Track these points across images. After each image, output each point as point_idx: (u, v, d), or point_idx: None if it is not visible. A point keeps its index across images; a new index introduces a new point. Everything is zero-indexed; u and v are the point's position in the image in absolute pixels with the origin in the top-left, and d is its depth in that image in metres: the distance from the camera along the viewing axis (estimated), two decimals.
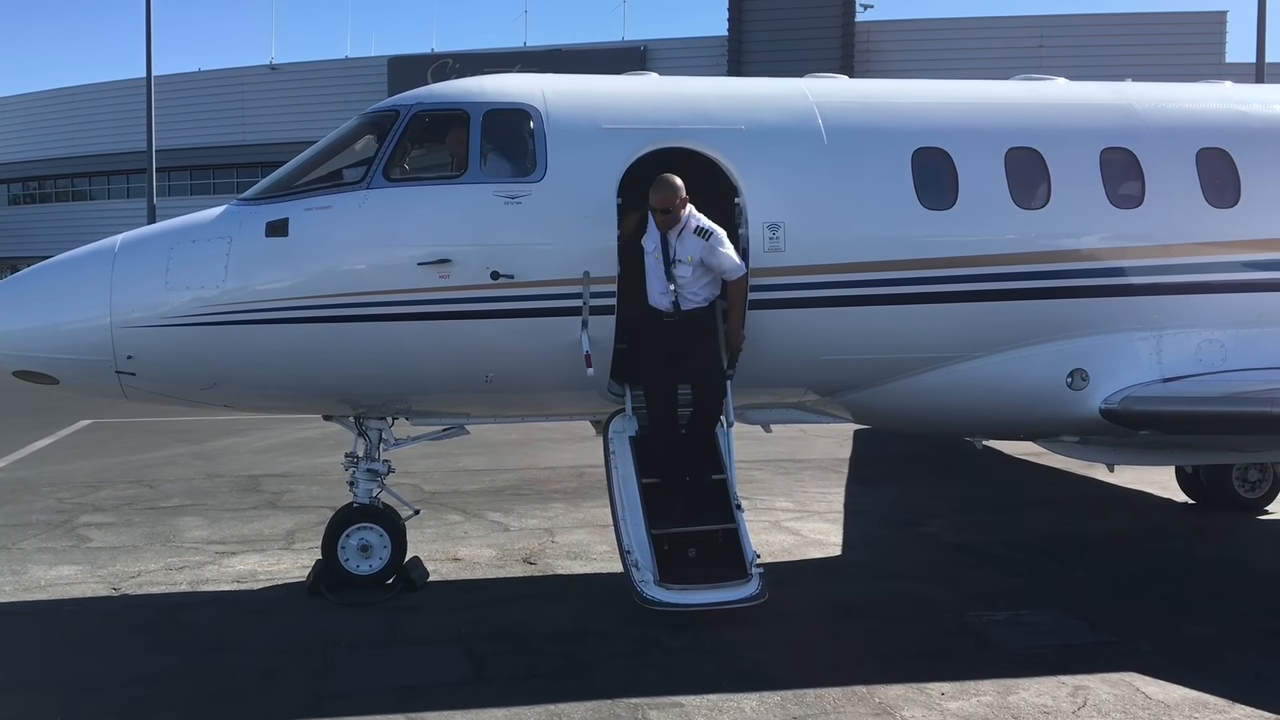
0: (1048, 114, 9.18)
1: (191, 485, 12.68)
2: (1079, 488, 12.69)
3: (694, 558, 7.65)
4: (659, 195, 7.81)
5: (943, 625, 7.53)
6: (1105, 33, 41.51)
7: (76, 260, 8.01)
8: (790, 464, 14.03)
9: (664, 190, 7.82)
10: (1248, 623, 7.62)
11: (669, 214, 7.84)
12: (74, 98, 55.52)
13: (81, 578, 8.77)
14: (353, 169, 8.26)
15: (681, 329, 8.02)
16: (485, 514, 11.13)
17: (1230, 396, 8.56)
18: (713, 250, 7.84)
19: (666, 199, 7.82)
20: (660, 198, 7.82)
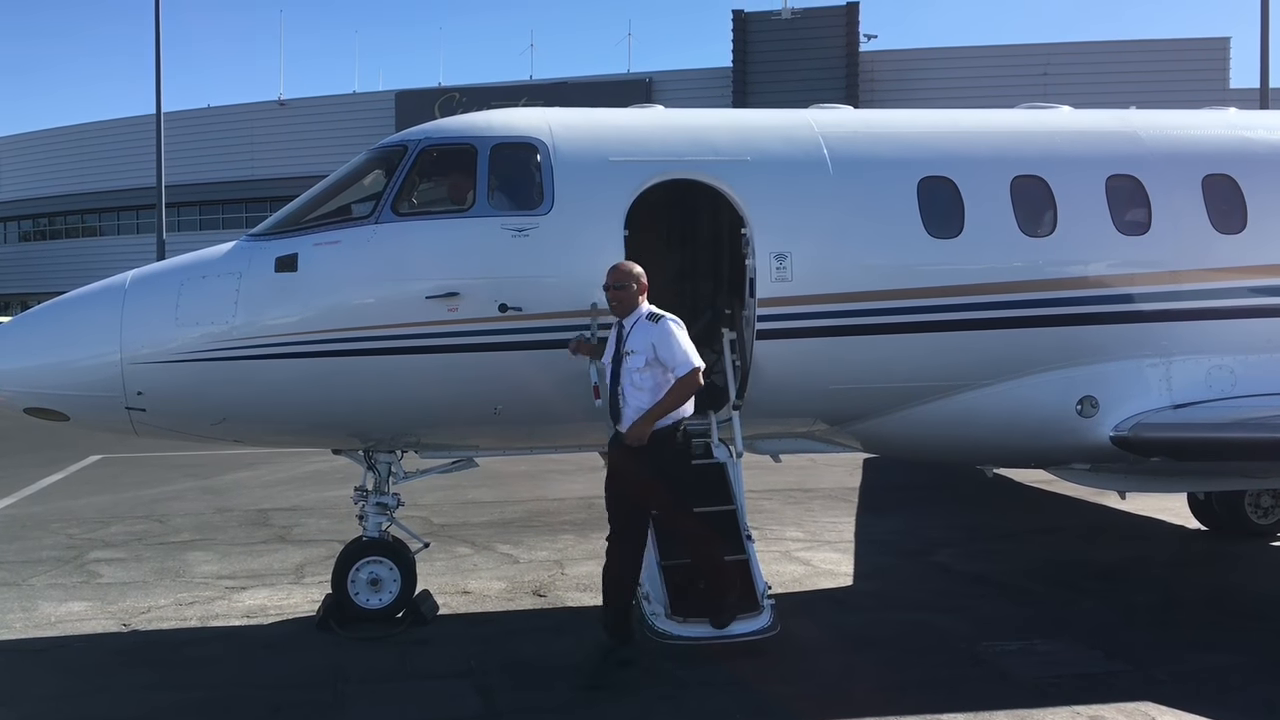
0: (1053, 142, 9.21)
1: (201, 520, 12.67)
2: (1090, 515, 12.63)
3: (705, 589, 7.62)
4: (614, 274, 7.36)
5: (956, 656, 7.48)
6: (1109, 60, 41.70)
7: (87, 297, 8.05)
8: (800, 493, 13.99)
9: (619, 270, 7.38)
10: (1263, 651, 7.56)
11: (623, 291, 7.28)
12: (84, 135, 55.99)
13: (91, 614, 8.76)
14: (361, 204, 8.31)
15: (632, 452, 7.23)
16: (495, 546, 11.10)
17: (1241, 422, 8.53)
18: (665, 337, 7.12)
19: (622, 276, 7.33)
20: (616, 274, 7.35)
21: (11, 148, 59.32)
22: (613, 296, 7.32)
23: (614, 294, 7.30)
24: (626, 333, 7.25)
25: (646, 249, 8.49)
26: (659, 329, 7.14)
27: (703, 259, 9.90)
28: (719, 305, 9.42)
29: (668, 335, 7.11)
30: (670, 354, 7.10)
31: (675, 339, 7.11)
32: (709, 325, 9.45)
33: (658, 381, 7.16)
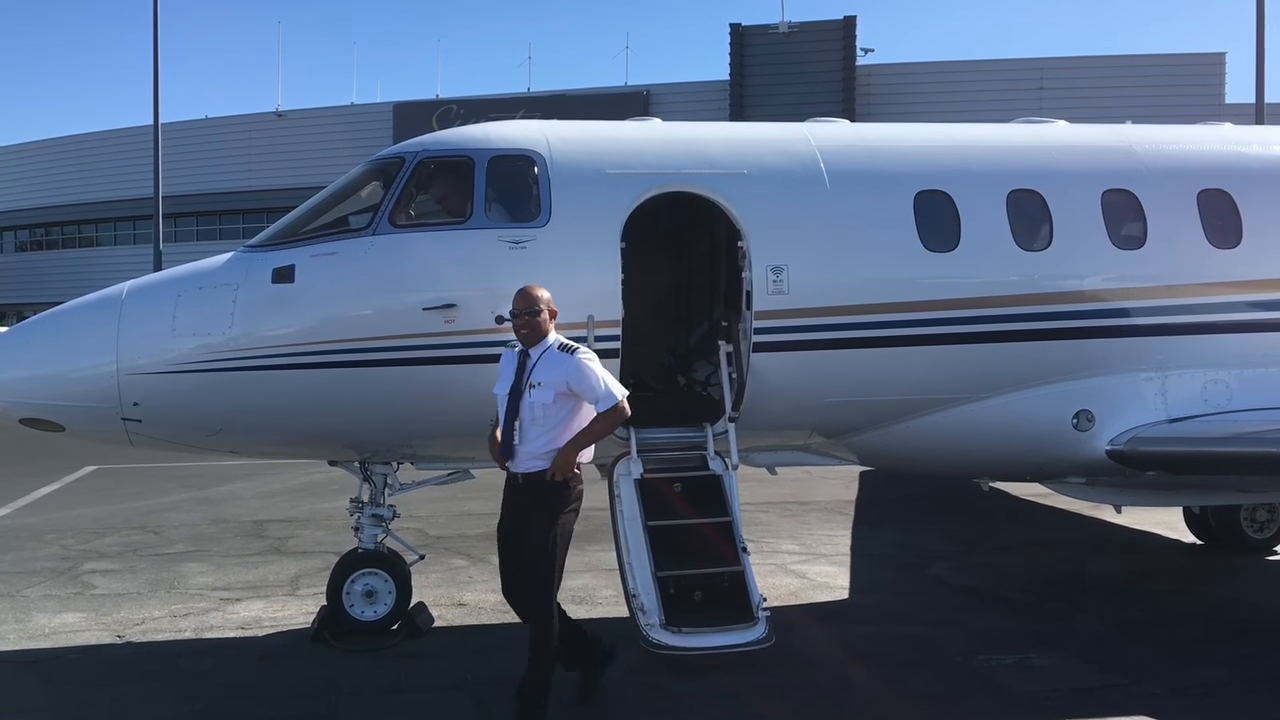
0: (1049, 156, 9.24)
1: (196, 531, 12.65)
2: (1086, 529, 12.63)
3: (700, 601, 7.62)
4: (524, 299, 6.45)
5: (952, 669, 7.48)
6: (1105, 75, 41.82)
7: (83, 308, 8.05)
8: (796, 506, 13.98)
9: (530, 295, 6.47)
10: (1259, 664, 7.56)
11: (536, 318, 6.39)
12: (81, 145, 56.00)
13: (85, 625, 8.74)
14: (359, 215, 8.32)
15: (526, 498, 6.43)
16: (490, 558, 11.02)
17: (1237, 437, 8.55)
18: (582, 371, 6.33)
19: (534, 301, 6.42)
20: (527, 299, 6.44)
21: (9, 158, 59.30)
22: (523, 324, 6.39)
23: (525, 321, 6.38)
24: (533, 363, 6.36)
25: (644, 261, 8.51)
26: (574, 362, 6.33)
27: (699, 271, 9.92)
28: (715, 318, 9.43)
29: (584, 369, 6.34)
30: (592, 388, 6.35)
31: (593, 372, 6.36)
32: (705, 337, 9.47)
33: (564, 416, 6.38)
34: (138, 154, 46.45)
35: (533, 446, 6.36)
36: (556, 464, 6.36)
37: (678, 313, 9.97)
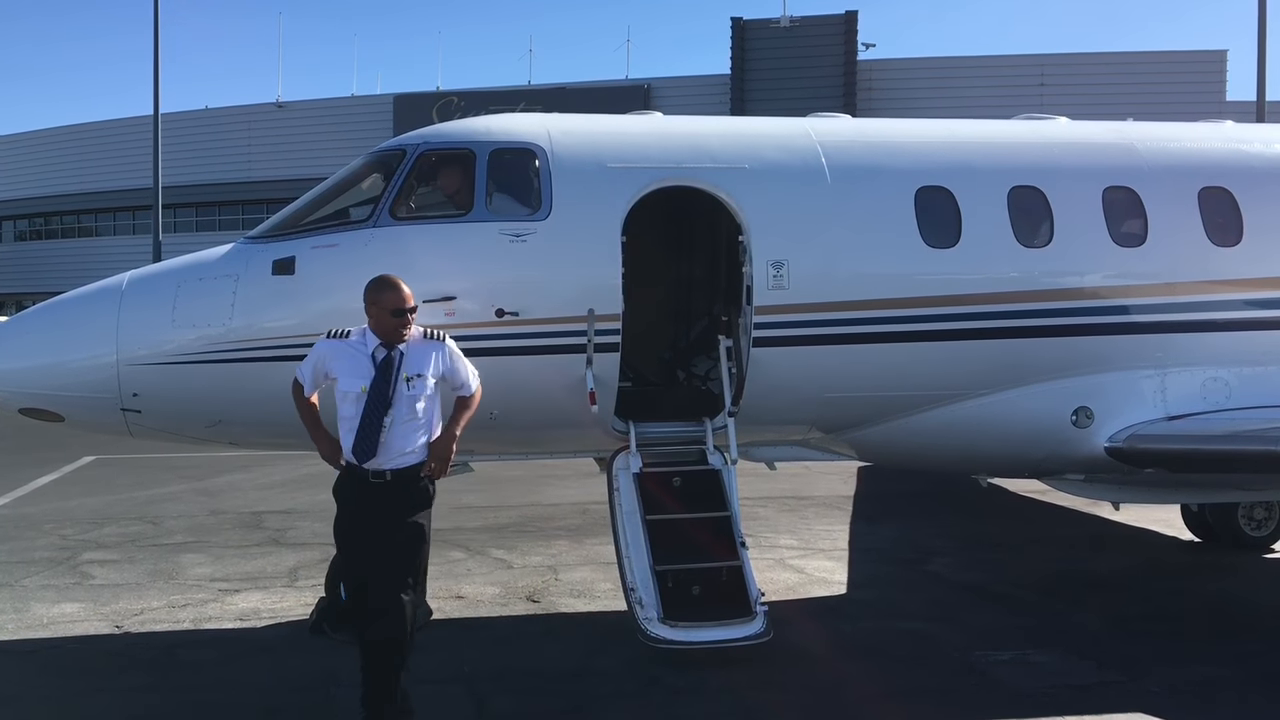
0: (1050, 153, 9.23)
1: (195, 522, 12.65)
2: (1084, 526, 12.64)
3: (698, 595, 7.62)
4: (397, 294, 6.16)
5: (949, 665, 7.49)
6: (1107, 72, 41.75)
7: (83, 298, 8.05)
8: (795, 501, 13.99)
9: (406, 291, 6.21)
10: (1255, 662, 7.57)
11: (415, 312, 6.25)
12: (81, 135, 55.89)
13: (84, 615, 8.74)
14: (359, 208, 8.31)
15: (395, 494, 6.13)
16: (488, 551, 11.09)
17: (1235, 435, 8.55)
18: (456, 355, 6.32)
19: (409, 296, 6.21)
20: (405, 296, 6.18)
21: (9, 147, 59.20)
22: (407, 322, 6.18)
23: (410, 318, 6.20)
24: (403, 358, 6.14)
25: (644, 255, 8.51)
26: (446, 349, 6.28)
27: (700, 266, 9.91)
28: (715, 312, 9.42)
29: (456, 355, 6.34)
30: (465, 371, 6.35)
31: (462, 357, 6.38)
32: (705, 332, 9.46)
33: (435, 407, 6.24)
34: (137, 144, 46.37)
35: (403, 442, 6.09)
36: (440, 456, 6.22)
37: (678, 307, 9.96)
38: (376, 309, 6.20)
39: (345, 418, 6.13)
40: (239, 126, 51.67)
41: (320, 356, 6.30)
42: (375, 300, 6.21)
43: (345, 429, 6.14)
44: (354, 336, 6.28)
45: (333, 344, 6.28)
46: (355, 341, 6.24)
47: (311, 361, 6.32)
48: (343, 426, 6.16)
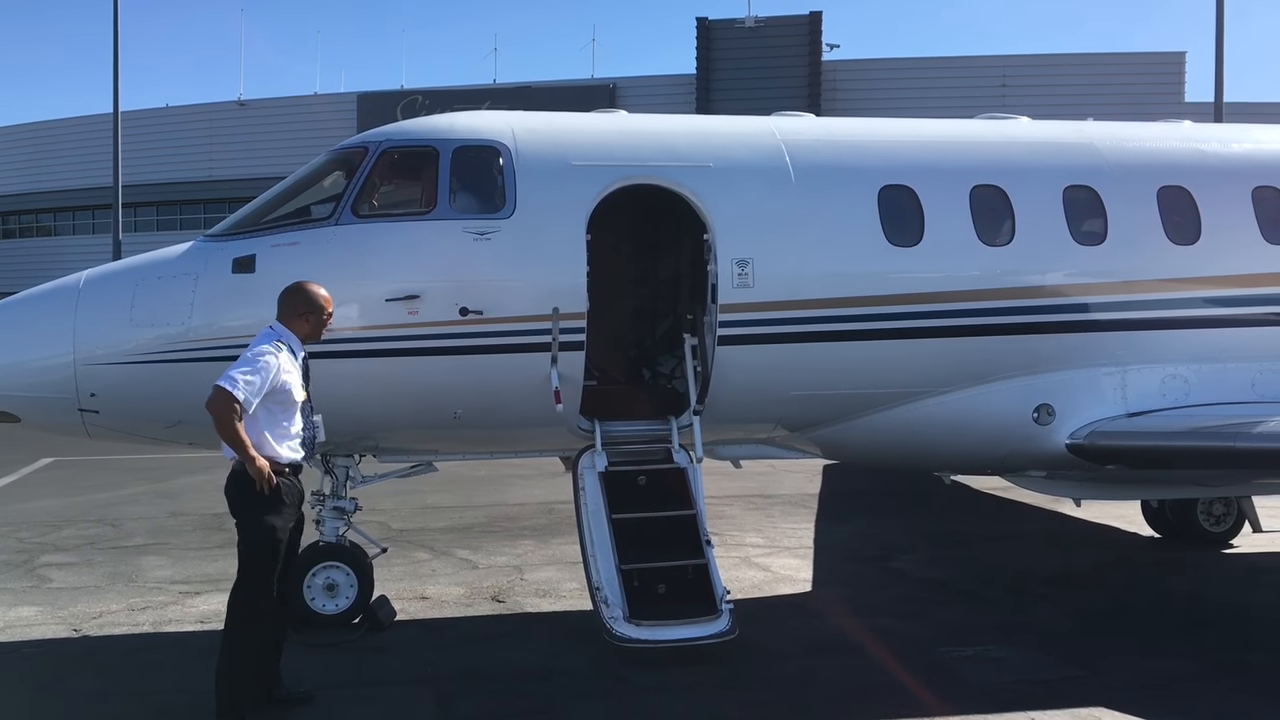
0: (1011, 152, 9.30)
1: (155, 524, 12.51)
2: (1046, 522, 12.75)
3: (664, 594, 7.62)
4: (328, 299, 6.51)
5: (913, 662, 7.52)
6: (1068, 73, 42.12)
7: (39, 297, 7.95)
8: (760, 499, 14.02)
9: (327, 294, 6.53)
10: (1214, 656, 7.66)
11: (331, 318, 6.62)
12: (39, 133, 55.09)
13: (42, 619, 8.62)
14: (321, 205, 8.25)
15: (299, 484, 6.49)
16: (453, 552, 11.04)
17: (1194, 431, 8.64)
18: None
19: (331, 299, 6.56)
20: (328, 299, 6.53)
21: None
22: (327, 322, 6.58)
23: (329, 320, 6.59)
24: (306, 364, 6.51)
25: (609, 253, 8.50)
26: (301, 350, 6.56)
27: (665, 264, 9.91)
28: (680, 311, 9.43)
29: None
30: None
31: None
32: (670, 330, 9.46)
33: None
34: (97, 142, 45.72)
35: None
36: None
37: (643, 306, 9.96)
38: (318, 317, 6.46)
39: (288, 427, 6.31)
40: (200, 125, 51.11)
41: (276, 368, 6.18)
42: (323, 309, 6.46)
43: (288, 437, 6.31)
44: (285, 345, 6.34)
45: (283, 356, 6.26)
46: (288, 350, 6.34)
47: (269, 374, 6.13)
48: (285, 436, 6.30)
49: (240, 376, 6.05)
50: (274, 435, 6.24)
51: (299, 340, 6.44)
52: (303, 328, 6.42)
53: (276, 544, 6.33)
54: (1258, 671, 7.38)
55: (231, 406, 6.02)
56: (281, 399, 6.22)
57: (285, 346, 6.32)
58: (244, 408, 6.05)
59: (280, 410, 6.25)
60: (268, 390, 6.14)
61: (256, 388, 6.08)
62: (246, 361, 6.15)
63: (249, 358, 6.18)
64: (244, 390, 6.02)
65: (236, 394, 6.00)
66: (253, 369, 6.09)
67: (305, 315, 6.41)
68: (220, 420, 6.06)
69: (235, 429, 6.06)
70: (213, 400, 6.06)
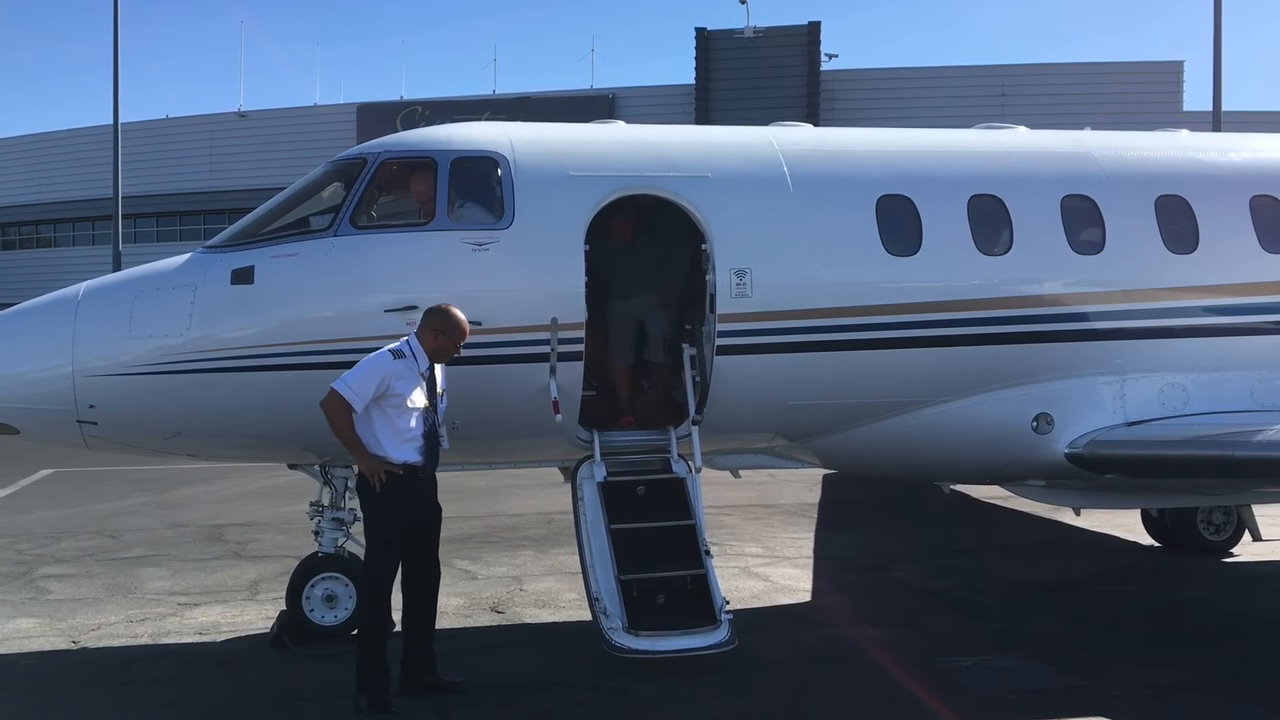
0: (1009, 162, 9.31)
1: (154, 535, 12.50)
2: (1046, 531, 12.74)
3: (663, 604, 7.61)
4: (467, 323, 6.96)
5: (912, 671, 7.50)
6: (1065, 82, 42.19)
7: (38, 309, 7.95)
8: (759, 509, 14.01)
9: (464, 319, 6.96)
10: (1214, 666, 7.65)
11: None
12: (40, 144, 55.16)
13: (40, 630, 8.60)
14: (320, 216, 8.25)
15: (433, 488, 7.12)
16: (452, 562, 11.01)
17: (1193, 440, 8.65)
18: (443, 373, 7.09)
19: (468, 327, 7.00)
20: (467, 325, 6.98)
21: None
22: (457, 345, 6.97)
23: (459, 344, 6.98)
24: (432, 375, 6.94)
25: (607, 263, 8.50)
26: (441, 368, 7.05)
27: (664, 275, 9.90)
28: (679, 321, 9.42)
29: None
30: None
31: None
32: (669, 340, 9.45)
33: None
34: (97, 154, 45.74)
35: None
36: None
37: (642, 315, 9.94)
38: (449, 338, 6.87)
39: (403, 429, 6.73)
40: (200, 136, 51.19)
41: (386, 374, 6.67)
42: (447, 329, 6.85)
43: (403, 439, 6.74)
44: (407, 354, 6.79)
45: (397, 363, 6.72)
46: (410, 360, 6.78)
47: (376, 380, 6.64)
48: (399, 438, 6.74)
49: (351, 380, 6.66)
50: (385, 436, 6.72)
51: (426, 354, 6.84)
52: (433, 344, 6.86)
53: (389, 537, 6.81)
54: (1257, 681, 7.36)
55: (342, 406, 6.61)
56: (395, 402, 6.68)
57: (407, 355, 6.77)
58: (358, 404, 6.60)
59: (395, 413, 6.71)
60: (379, 394, 6.64)
61: (365, 390, 6.62)
62: (361, 366, 6.74)
63: (363, 362, 6.77)
64: (352, 392, 6.61)
65: (345, 395, 6.60)
66: (363, 373, 6.68)
67: (438, 333, 6.86)
68: (332, 418, 6.69)
69: (345, 427, 6.67)
70: (325, 401, 6.68)
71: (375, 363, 6.70)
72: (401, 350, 6.77)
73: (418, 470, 6.84)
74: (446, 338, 6.87)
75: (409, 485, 6.81)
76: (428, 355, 6.85)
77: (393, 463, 6.71)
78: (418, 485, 6.88)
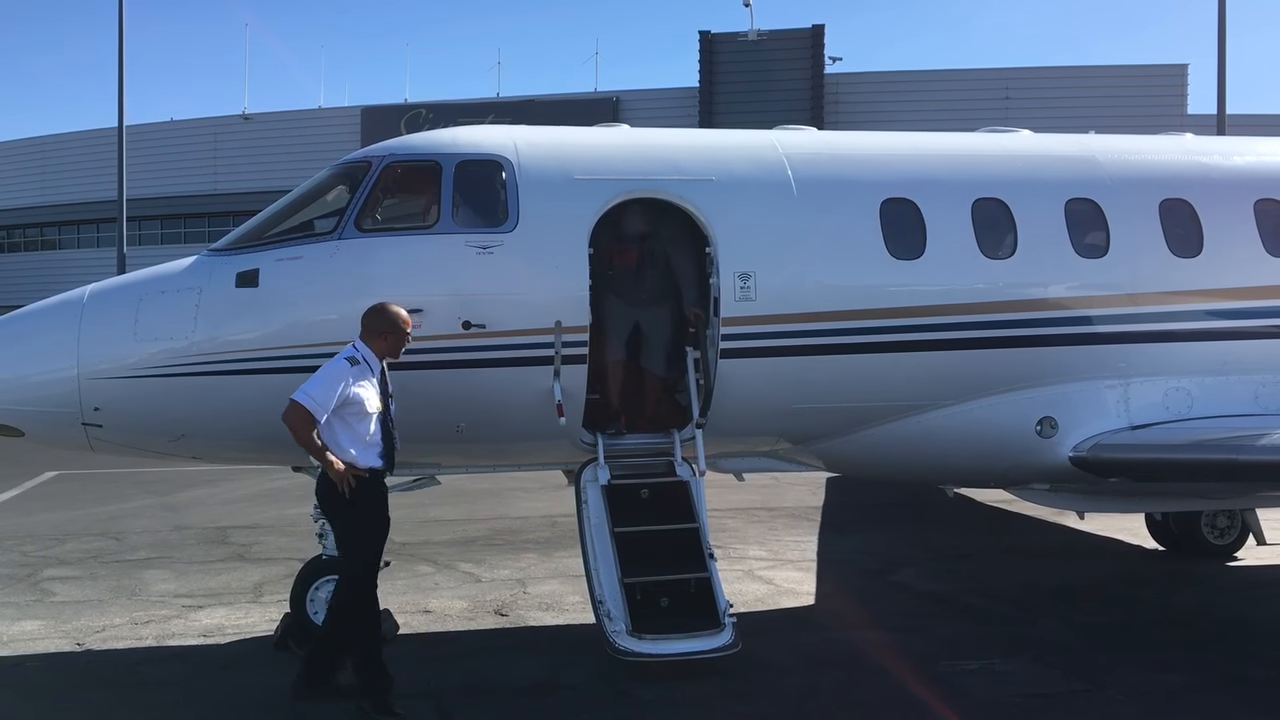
0: (1013, 165, 9.31)
1: (158, 537, 12.51)
2: (1050, 535, 12.72)
3: (666, 607, 7.61)
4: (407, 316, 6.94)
5: (916, 675, 7.49)
6: (1070, 86, 42.15)
7: (44, 311, 7.96)
8: (763, 512, 14.01)
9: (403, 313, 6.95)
10: (1219, 669, 7.64)
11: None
12: (44, 147, 55.25)
13: (45, 633, 8.62)
14: (324, 219, 8.26)
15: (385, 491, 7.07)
16: (456, 565, 11.03)
17: (1198, 444, 8.63)
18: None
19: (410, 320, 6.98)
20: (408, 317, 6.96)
21: None
22: (405, 341, 6.96)
23: (407, 339, 6.97)
24: (384, 378, 6.92)
25: (612, 267, 8.51)
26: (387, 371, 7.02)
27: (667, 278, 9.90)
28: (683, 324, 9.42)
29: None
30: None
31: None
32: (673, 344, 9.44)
33: None
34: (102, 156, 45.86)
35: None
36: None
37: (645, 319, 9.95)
38: (396, 336, 6.87)
39: (364, 435, 6.71)
40: (205, 139, 51.24)
41: (346, 382, 6.64)
42: (394, 329, 6.85)
43: (366, 445, 6.73)
44: (360, 360, 6.78)
45: (354, 370, 6.70)
46: (364, 366, 6.77)
47: (336, 388, 6.60)
48: (362, 444, 6.72)
49: (311, 390, 6.61)
50: (350, 443, 6.70)
51: (376, 356, 6.86)
52: (381, 345, 6.88)
53: (365, 540, 6.84)
54: (1261, 685, 7.36)
55: (304, 417, 6.56)
56: (355, 409, 6.67)
57: (360, 361, 6.77)
58: (320, 413, 6.57)
59: (355, 420, 6.69)
60: (340, 402, 6.60)
61: (327, 400, 6.58)
62: (318, 376, 6.70)
63: (320, 372, 6.73)
64: (314, 402, 6.56)
65: (307, 405, 6.55)
66: (323, 382, 6.64)
67: (384, 334, 6.87)
68: (295, 430, 6.63)
69: (309, 438, 6.62)
70: (287, 413, 6.62)
71: (333, 371, 6.68)
72: (354, 356, 6.77)
73: (381, 474, 6.87)
74: (394, 335, 6.88)
75: (376, 490, 6.84)
76: (378, 356, 6.88)
77: (360, 469, 6.69)
78: (378, 490, 6.88)
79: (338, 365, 6.71)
